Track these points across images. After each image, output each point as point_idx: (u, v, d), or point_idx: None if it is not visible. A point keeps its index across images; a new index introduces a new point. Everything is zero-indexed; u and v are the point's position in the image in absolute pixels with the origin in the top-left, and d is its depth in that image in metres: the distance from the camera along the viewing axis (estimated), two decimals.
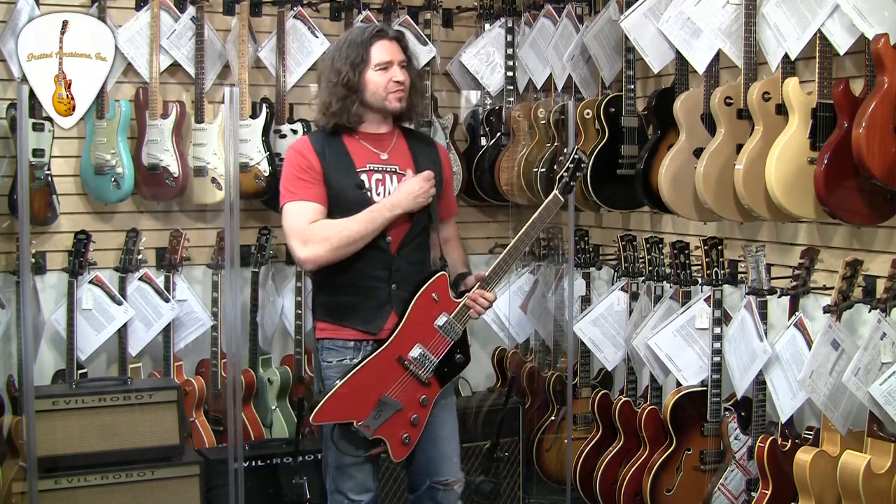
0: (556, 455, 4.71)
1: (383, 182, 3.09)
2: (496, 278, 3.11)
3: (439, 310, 3.08)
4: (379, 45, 3.06)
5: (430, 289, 3.07)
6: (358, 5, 4.84)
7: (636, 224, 4.73)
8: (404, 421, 3.09)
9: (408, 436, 3.10)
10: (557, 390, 4.72)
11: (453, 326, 3.09)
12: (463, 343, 3.15)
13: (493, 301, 3.14)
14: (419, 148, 3.21)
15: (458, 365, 3.15)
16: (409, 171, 3.12)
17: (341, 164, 3.07)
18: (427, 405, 3.12)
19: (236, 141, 4.27)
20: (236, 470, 3.90)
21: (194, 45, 4.62)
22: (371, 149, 3.11)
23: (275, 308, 4.81)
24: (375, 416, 3.05)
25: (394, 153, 3.14)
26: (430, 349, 3.08)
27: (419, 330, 3.07)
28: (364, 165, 3.09)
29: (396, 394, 3.07)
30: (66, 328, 4.38)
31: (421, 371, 3.07)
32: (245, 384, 4.57)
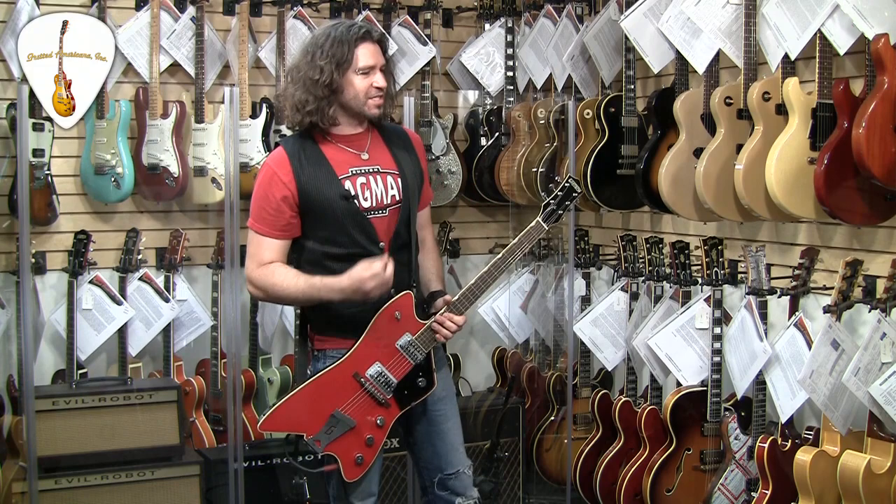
0: (556, 455, 4.72)
1: (368, 185, 2.96)
2: (467, 302, 3.00)
3: (402, 329, 2.96)
4: (364, 47, 2.92)
5: (394, 307, 2.95)
6: (358, 5, 4.84)
7: (636, 224, 4.73)
8: (359, 440, 2.98)
9: (361, 456, 2.99)
10: (557, 390, 4.72)
11: (416, 347, 2.98)
12: (426, 367, 3.02)
13: (462, 325, 3.00)
14: (394, 141, 3.08)
15: (420, 389, 3.02)
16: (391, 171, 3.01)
17: (321, 174, 2.93)
18: (384, 426, 3.00)
19: (236, 141, 4.27)
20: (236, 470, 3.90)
21: (194, 45, 4.62)
22: (349, 150, 2.99)
23: (275, 308, 4.81)
24: (327, 431, 2.95)
25: (373, 152, 3.02)
26: (390, 369, 2.97)
27: (378, 347, 2.96)
28: (346, 171, 2.96)
29: (350, 411, 2.96)
30: (66, 328, 4.38)
31: (378, 391, 2.97)
32: (245, 384, 4.56)
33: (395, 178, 3.02)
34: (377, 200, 2.97)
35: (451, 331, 2.98)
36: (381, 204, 2.98)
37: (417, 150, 3.14)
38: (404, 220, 3.02)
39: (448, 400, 3.16)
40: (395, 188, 3.01)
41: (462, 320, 3.00)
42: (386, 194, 2.98)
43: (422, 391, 3.03)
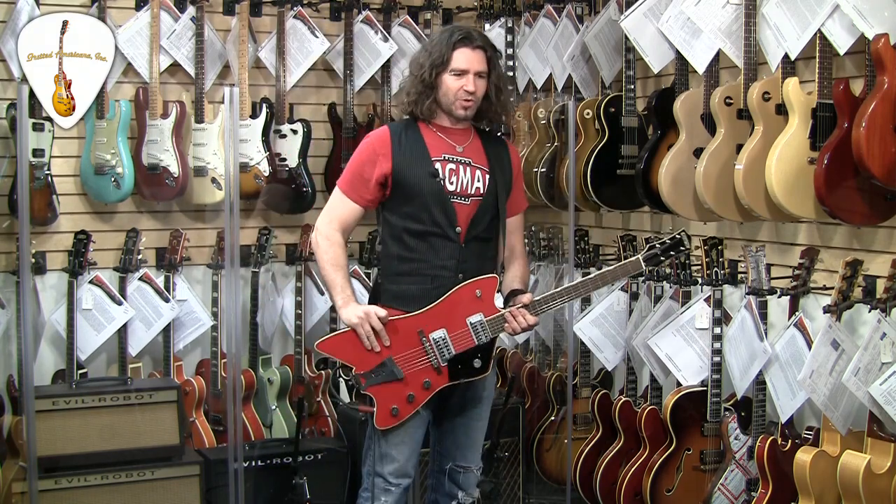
0: (556, 455, 4.71)
1: (457, 172, 3.16)
2: (545, 306, 3.15)
3: (478, 308, 3.10)
4: (460, 51, 3.14)
5: (477, 284, 3.11)
6: (358, 5, 4.84)
7: (636, 224, 4.73)
8: (400, 393, 3.10)
9: (397, 408, 3.11)
10: (557, 390, 4.72)
11: (484, 329, 3.11)
12: (487, 351, 3.15)
13: (534, 326, 3.17)
14: (492, 146, 3.28)
15: (474, 368, 3.14)
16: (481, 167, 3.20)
17: (416, 152, 3.16)
18: (429, 389, 3.11)
19: (236, 141, 4.27)
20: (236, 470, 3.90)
21: (194, 45, 4.62)
22: (447, 140, 3.20)
23: (275, 308, 4.81)
24: (375, 372, 3.09)
25: (469, 148, 3.22)
26: (453, 339, 3.10)
27: (451, 316, 3.09)
28: (439, 155, 3.17)
29: (403, 363, 3.10)
30: (66, 328, 4.38)
31: (435, 355, 3.10)
32: (245, 384, 4.57)
33: (484, 174, 3.20)
34: (462, 187, 3.16)
35: (522, 326, 3.12)
36: (464, 192, 3.16)
37: (513, 162, 3.33)
38: (486, 212, 3.19)
39: (486, 403, 3.32)
40: (480, 181, 3.19)
41: (534, 321, 3.14)
42: (471, 184, 3.17)
43: (475, 371, 3.14)
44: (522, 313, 3.12)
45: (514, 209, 3.33)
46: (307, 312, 4.78)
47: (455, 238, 3.14)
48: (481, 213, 3.19)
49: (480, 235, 3.20)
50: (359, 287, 4.80)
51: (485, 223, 3.20)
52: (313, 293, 4.80)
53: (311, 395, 4.70)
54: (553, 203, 4.66)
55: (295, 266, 4.79)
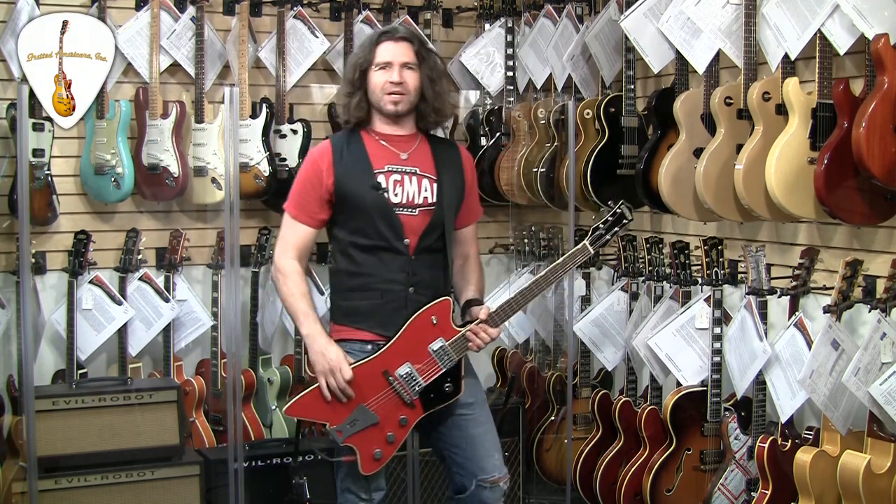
0: (556, 455, 4.71)
1: (402, 183, 3.06)
2: (504, 316, 3.08)
3: (436, 334, 3.03)
4: (383, 45, 3.06)
5: (431, 311, 3.03)
6: (358, 5, 4.84)
7: (636, 224, 4.72)
8: (380, 436, 3.04)
9: (380, 451, 3.05)
10: (557, 390, 4.72)
11: (448, 353, 3.03)
12: (455, 373, 3.08)
13: (496, 337, 3.10)
14: (442, 151, 3.18)
15: (446, 394, 3.07)
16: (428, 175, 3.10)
17: (358, 165, 3.07)
18: (406, 425, 3.06)
19: (236, 141, 4.27)
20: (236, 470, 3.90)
21: (194, 45, 4.62)
22: (390, 149, 3.11)
23: (275, 308, 4.81)
24: (350, 423, 3.03)
25: (415, 154, 3.12)
26: (420, 371, 3.03)
27: (412, 349, 3.02)
28: (382, 166, 3.08)
29: (375, 407, 3.03)
30: (66, 328, 4.38)
31: (405, 390, 3.03)
32: (245, 384, 4.56)
33: (431, 183, 3.10)
34: (408, 198, 3.07)
35: (485, 341, 3.04)
36: (411, 202, 3.07)
37: (466, 167, 3.23)
38: (436, 223, 3.09)
39: (476, 405, 3.19)
40: (428, 191, 3.09)
41: (496, 333, 3.07)
42: (418, 195, 3.08)
43: (447, 396, 3.07)
44: (483, 328, 3.04)
45: (468, 218, 3.25)
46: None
47: (404, 251, 3.05)
48: (433, 224, 3.09)
49: (431, 246, 3.10)
50: None
51: (436, 234, 3.10)
52: (313, 293, 4.77)
53: None
54: (553, 203, 4.67)
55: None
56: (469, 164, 3.26)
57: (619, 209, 3.15)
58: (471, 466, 3.16)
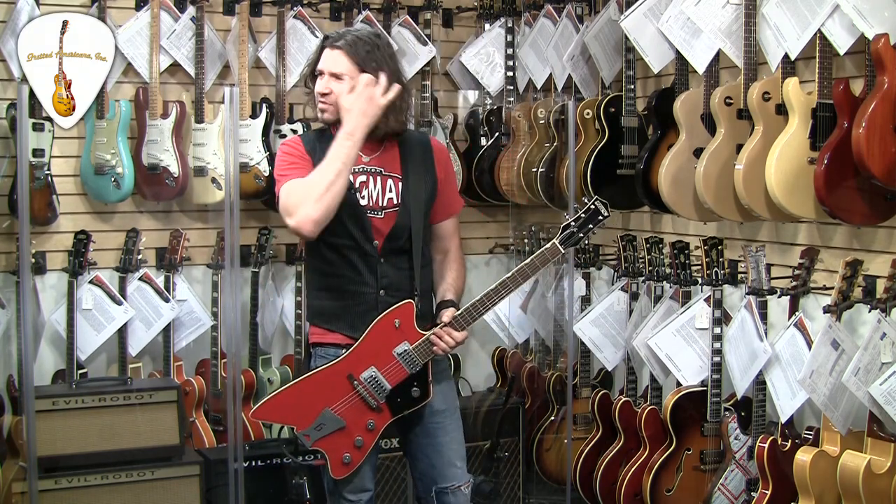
0: (556, 455, 4.71)
1: (367, 184, 3.00)
2: (469, 319, 2.97)
3: (401, 337, 2.97)
4: (324, 53, 3.00)
5: (394, 314, 2.97)
6: (358, 5, 4.84)
7: (636, 224, 4.73)
8: (348, 441, 3.00)
9: (349, 456, 3.01)
10: (557, 390, 4.72)
11: (412, 357, 2.97)
12: (422, 377, 3.01)
13: (461, 341, 2.98)
14: (410, 149, 3.09)
15: (413, 398, 3.01)
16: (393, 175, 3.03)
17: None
18: (374, 430, 3.01)
19: (236, 141, 4.27)
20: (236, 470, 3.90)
21: (194, 45, 4.62)
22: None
23: (275, 308, 4.81)
24: (317, 427, 2.99)
25: (381, 156, 3.05)
26: (385, 374, 2.98)
27: (376, 352, 2.97)
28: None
29: (341, 411, 2.99)
30: (66, 328, 4.38)
31: (370, 395, 2.98)
32: (245, 384, 4.56)
33: (396, 182, 3.04)
34: (373, 200, 3.01)
35: (450, 345, 2.96)
36: (377, 205, 3.01)
37: (438, 160, 3.11)
38: (402, 225, 3.02)
39: (447, 413, 3.13)
40: (393, 191, 3.03)
41: (461, 336, 2.97)
42: (382, 196, 3.02)
43: (415, 401, 3.02)
44: (448, 332, 2.96)
45: (445, 212, 3.14)
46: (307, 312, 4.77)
47: (372, 252, 2.99)
48: (399, 225, 3.01)
49: (400, 248, 3.02)
50: None
51: (403, 236, 3.02)
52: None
53: None
54: (553, 203, 4.67)
55: (295, 266, 4.79)
56: (441, 157, 3.13)
57: (594, 205, 3.00)
58: (432, 474, 3.12)
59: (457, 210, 3.20)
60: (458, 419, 3.18)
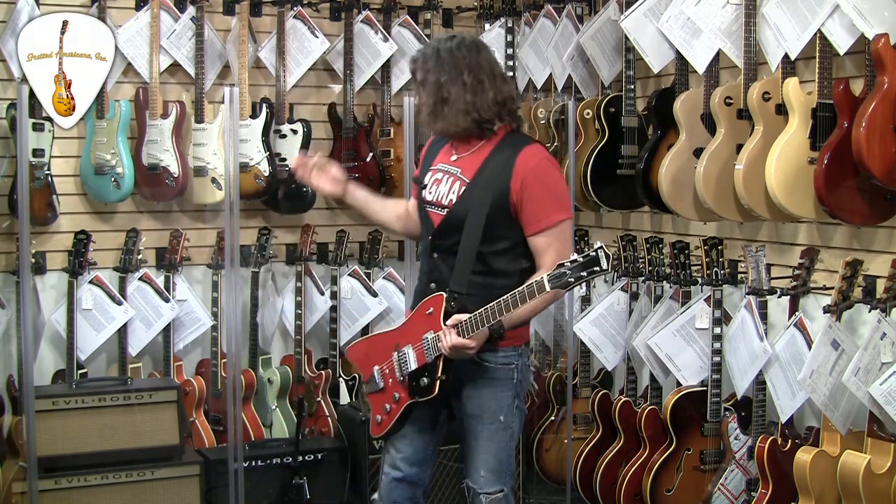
0: (556, 455, 4.71)
1: (438, 182, 3.11)
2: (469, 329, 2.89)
3: (430, 325, 3.02)
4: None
5: (430, 302, 3.04)
6: (358, 5, 4.84)
7: (636, 224, 4.73)
8: (382, 402, 3.14)
9: (380, 418, 3.16)
10: (557, 390, 4.72)
11: (430, 346, 3.00)
12: (432, 371, 2.99)
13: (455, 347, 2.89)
14: (499, 155, 3.05)
15: (421, 388, 3.01)
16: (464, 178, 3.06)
17: (428, 161, 3.20)
18: (398, 402, 3.09)
19: (236, 141, 4.27)
20: (236, 470, 3.90)
21: (194, 45, 4.62)
22: (451, 149, 3.15)
23: (275, 308, 4.81)
24: (370, 381, 3.18)
25: (466, 158, 3.08)
26: (415, 354, 3.04)
27: (415, 332, 3.06)
28: (437, 164, 3.16)
29: (383, 374, 3.13)
30: (66, 328, 4.38)
31: (399, 368, 3.08)
32: (245, 384, 4.56)
33: (461, 186, 3.06)
34: (437, 197, 3.11)
35: (447, 346, 2.92)
36: (438, 202, 3.11)
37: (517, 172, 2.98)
38: (449, 225, 3.05)
39: (481, 420, 3.09)
40: (455, 194, 3.06)
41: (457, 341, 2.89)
42: (446, 196, 3.09)
43: (422, 391, 3.02)
44: (449, 332, 2.93)
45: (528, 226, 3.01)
46: (307, 312, 4.78)
47: (429, 246, 3.14)
48: (446, 225, 3.05)
49: (451, 248, 3.02)
50: (358, 286, 4.80)
51: (453, 237, 3.02)
52: (313, 293, 4.80)
53: (311, 395, 4.70)
54: None
55: (295, 266, 4.79)
56: (524, 169, 2.98)
57: (595, 252, 2.72)
58: (465, 467, 3.21)
59: (543, 226, 3.00)
60: (495, 430, 3.11)
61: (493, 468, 3.12)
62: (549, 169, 3.03)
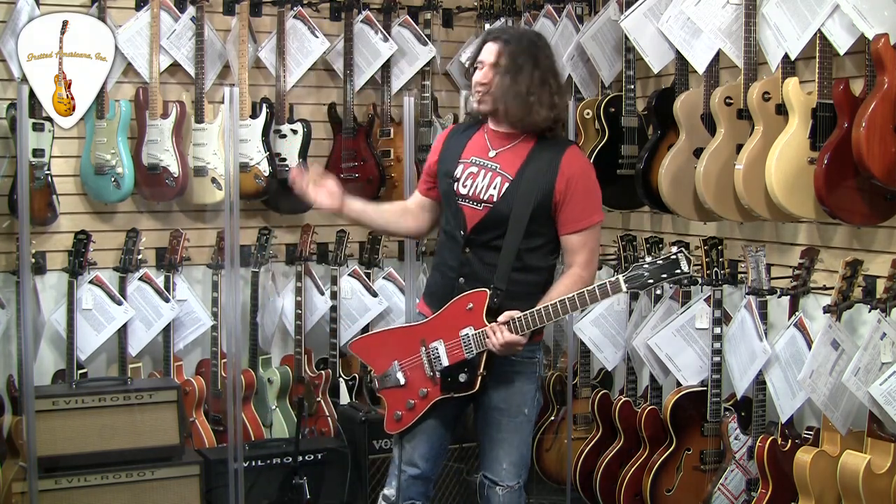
0: (556, 455, 4.71)
1: (475, 176, 3.06)
2: (525, 326, 2.94)
3: (469, 321, 3.03)
4: (486, 45, 3.09)
5: (469, 298, 3.04)
6: (358, 5, 4.84)
7: (636, 224, 4.73)
8: (402, 399, 3.13)
9: (400, 414, 3.14)
10: (557, 390, 4.72)
11: (471, 342, 3.02)
12: (473, 367, 3.02)
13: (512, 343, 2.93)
14: (542, 153, 3.04)
15: (460, 383, 3.04)
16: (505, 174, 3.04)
17: (453, 151, 3.16)
18: (426, 398, 3.09)
19: (236, 141, 4.27)
20: (236, 470, 3.90)
21: (194, 45, 4.62)
22: (486, 143, 3.12)
23: (275, 308, 4.81)
24: (385, 376, 3.15)
25: (507, 153, 3.07)
26: (448, 350, 3.06)
27: (448, 328, 3.06)
28: (468, 157, 3.11)
29: (406, 369, 3.12)
30: (66, 328, 4.38)
31: (430, 363, 3.08)
32: (245, 384, 4.56)
33: (504, 181, 3.05)
34: (475, 191, 3.08)
35: (499, 342, 2.94)
36: (476, 196, 3.07)
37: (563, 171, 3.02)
38: (492, 221, 3.04)
39: (507, 413, 3.13)
40: (496, 189, 3.05)
41: (511, 338, 2.93)
42: (485, 190, 3.06)
43: (461, 386, 3.05)
44: (501, 328, 2.95)
45: (567, 225, 3.04)
46: (307, 312, 4.78)
47: (461, 240, 3.09)
48: (488, 221, 3.04)
49: (488, 243, 3.06)
50: (358, 286, 4.80)
51: (493, 232, 3.04)
52: (313, 293, 4.80)
53: (311, 395, 4.70)
54: None
55: (295, 266, 4.79)
56: (570, 170, 3.03)
57: (676, 255, 2.83)
58: (483, 459, 3.23)
59: (582, 226, 3.06)
60: (521, 424, 3.16)
61: (515, 461, 3.17)
62: (591, 171, 3.13)
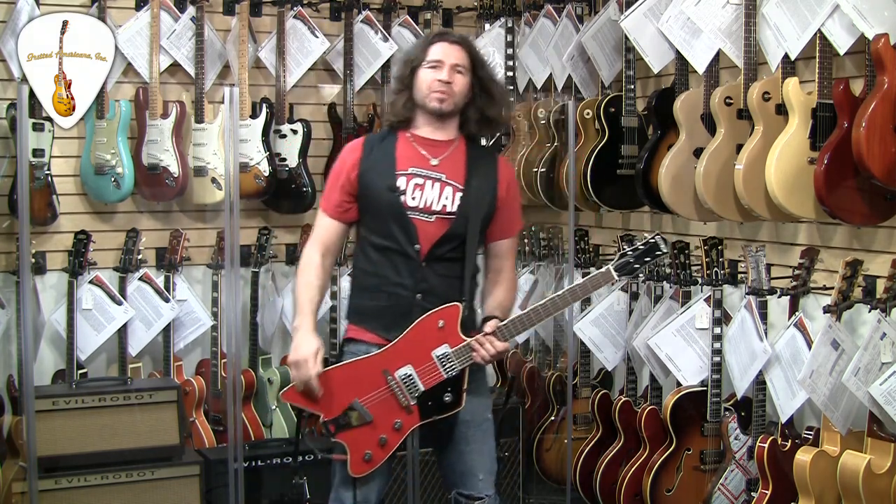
0: (556, 455, 4.71)
1: (422, 187, 2.98)
2: (513, 331, 2.95)
3: (442, 339, 2.93)
4: (437, 45, 3.02)
5: (439, 315, 2.94)
6: (358, 5, 4.84)
7: (636, 224, 4.73)
8: (372, 437, 2.95)
9: (370, 453, 2.95)
10: (557, 390, 4.72)
11: (451, 361, 2.93)
12: (457, 384, 2.94)
13: (502, 351, 2.93)
14: (478, 160, 3.07)
15: (445, 404, 2.94)
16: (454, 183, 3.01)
17: (382, 164, 3.02)
18: (401, 430, 2.96)
19: (236, 141, 4.27)
20: (236, 470, 3.90)
21: (194, 45, 4.62)
22: (421, 152, 3.03)
23: (275, 308, 4.81)
24: (343, 418, 2.95)
25: (447, 161, 3.03)
26: (420, 375, 2.94)
27: (415, 351, 2.93)
28: (406, 168, 3.00)
29: (371, 405, 2.94)
30: (66, 328, 4.38)
31: (402, 394, 2.94)
32: (245, 384, 4.56)
33: (455, 191, 3.01)
34: (425, 203, 2.99)
35: (490, 354, 2.92)
36: (428, 208, 2.99)
37: (501, 179, 3.08)
38: (455, 233, 2.99)
39: (474, 425, 3.07)
40: (449, 199, 3.00)
41: (503, 347, 2.93)
42: (437, 201, 3.00)
43: (446, 407, 2.96)
44: (490, 340, 2.91)
45: (502, 232, 3.10)
46: None
47: (415, 256, 2.96)
48: (450, 233, 2.98)
49: (446, 256, 2.99)
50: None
51: (452, 244, 2.99)
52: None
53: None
54: (553, 203, 4.67)
55: (295, 266, 4.78)
56: (506, 176, 3.11)
57: (654, 239, 3.01)
58: (454, 479, 3.10)
59: (514, 232, 3.16)
60: (486, 432, 3.11)
61: (489, 468, 3.09)
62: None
